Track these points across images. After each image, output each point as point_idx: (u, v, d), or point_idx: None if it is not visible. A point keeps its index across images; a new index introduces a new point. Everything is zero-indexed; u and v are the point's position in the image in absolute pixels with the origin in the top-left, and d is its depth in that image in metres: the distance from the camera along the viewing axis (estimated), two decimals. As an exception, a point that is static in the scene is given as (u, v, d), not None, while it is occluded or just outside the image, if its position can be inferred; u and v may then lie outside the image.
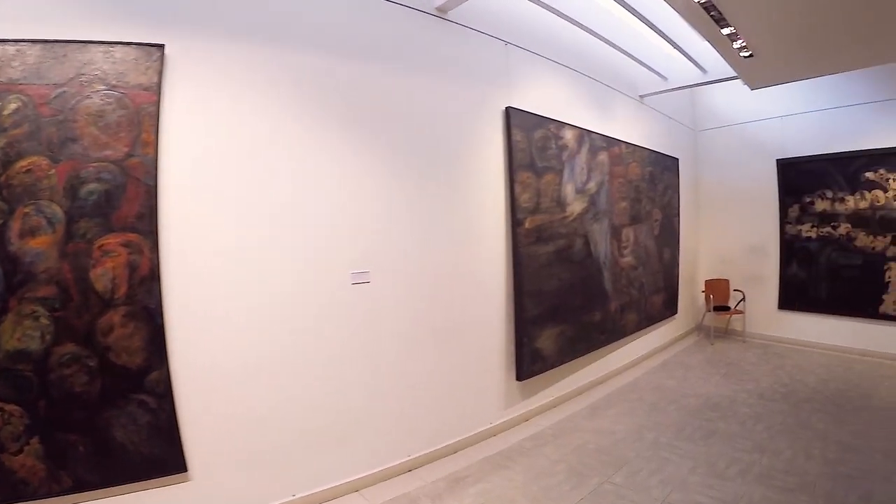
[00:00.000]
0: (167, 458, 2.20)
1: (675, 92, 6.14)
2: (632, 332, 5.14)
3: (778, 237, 5.93)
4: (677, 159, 6.11)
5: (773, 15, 3.20)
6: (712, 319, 6.33)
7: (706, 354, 5.66)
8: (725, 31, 3.41)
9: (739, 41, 3.59)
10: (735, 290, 6.26)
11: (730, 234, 6.48)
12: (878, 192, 5.23)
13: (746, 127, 6.21)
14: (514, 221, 3.65)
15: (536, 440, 3.54)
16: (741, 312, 6.08)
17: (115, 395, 2.10)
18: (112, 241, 2.09)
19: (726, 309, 6.18)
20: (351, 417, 2.86)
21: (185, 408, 2.26)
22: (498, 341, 3.68)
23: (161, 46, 2.17)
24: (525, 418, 3.88)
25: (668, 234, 5.91)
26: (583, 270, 4.31)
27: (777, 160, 5.89)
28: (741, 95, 5.99)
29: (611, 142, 4.75)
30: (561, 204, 4.05)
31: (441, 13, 3.34)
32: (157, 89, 2.17)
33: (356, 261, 2.86)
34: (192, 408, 2.29)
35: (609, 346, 4.76)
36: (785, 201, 5.87)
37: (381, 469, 2.96)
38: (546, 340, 3.91)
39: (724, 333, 6.50)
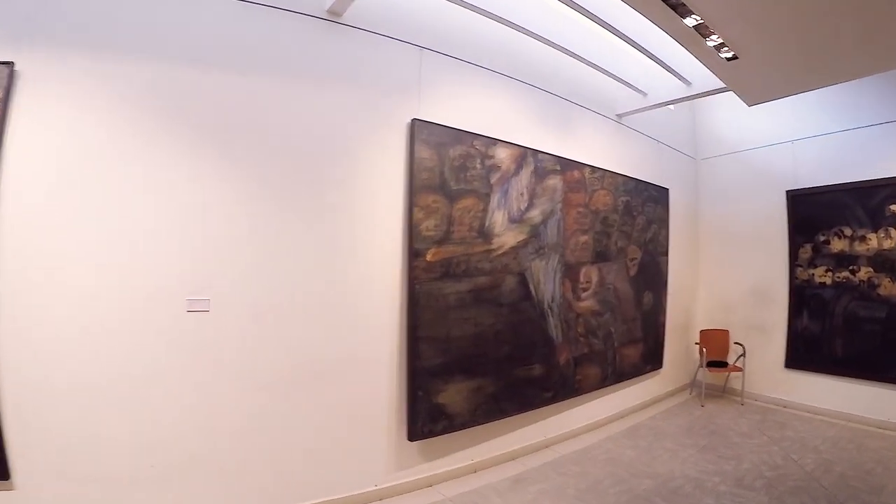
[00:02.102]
0: (-11, 462, 2.10)
1: (673, 116, 5.68)
2: (592, 390, 4.47)
3: (787, 282, 5.12)
4: (667, 189, 5.46)
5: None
6: (707, 376, 5.54)
7: (691, 419, 4.87)
8: (690, 21, 2.93)
9: (714, 37, 3.10)
10: (735, 343, 5.49)
11: (732, 278, 5.71)
12: (907, 229, 4.44)
13: (753, 154, 5.50)
14: (411, 252, 3.19)
15: (426, 516, 3.06)
16: (739, 370, 5.29)
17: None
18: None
19: (722, 365, 5.37)
20: (185, 456, 2.54)
21: (11, 417, 2.16)
22: (387, 392, 3.20)
23: (10, 64, 2.15)
24: (428, 483, 3.35)
25: (651, 276, 5.23)
26: (515, 315, 3.76)
27: (787, 192, 5.14)
28: (747, 118, 5.38)
29: (568, 164, 4.23)
30: (485, 234, 3.55)
31: (334, 16, 3.04)
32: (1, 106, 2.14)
33: (196, 286, 2.58)
34: (20, 419, 2.18)
35: (556, 404, 4.13)
36: (796, 240, 5.08)
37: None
38: (454, 396, 3.36)
39: (722, 392, 5.67)
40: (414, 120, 3.29)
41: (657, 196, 5.35)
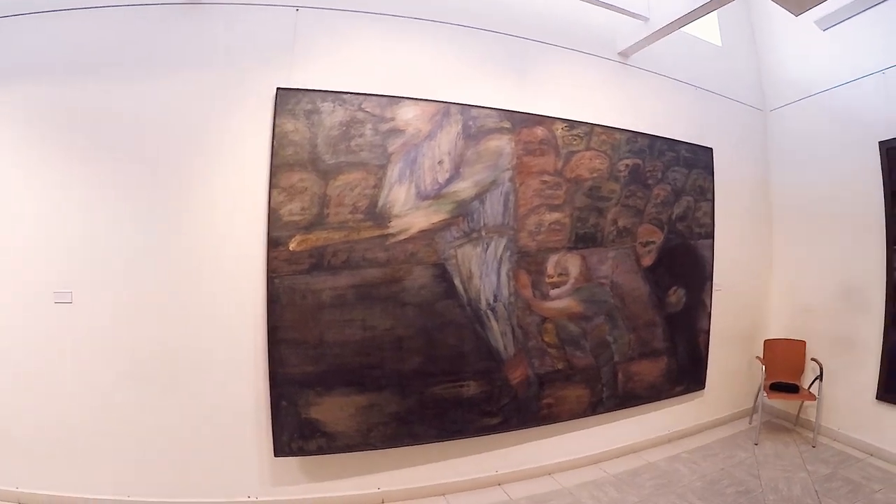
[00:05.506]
0: None
1: (725, 56, 4.80)
2: (575, 417, 3.73)
3: (882, 275, 3.84)
4: (710, 150, 4.43)
5: None
6: (773, 401, 4.47)
7: (729, 464, 3.79)
8: None
9: None
10: (812, 360, 4.29)
11: (814, 269, 4.46)
12: None
13: (832, 95, 4.25)
14: (270, 241, 2.91)
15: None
16: (812, 398, 4.11)
17: None
18: None
19: (792, 389, 4.21)
20: (43, 440, 2.92)
21: None
22: (252, 400, 3.05)
23: None
24: (316, 504, 3.11)
25: (683, 266, 4.26)
26: (430, 317, 3.24)
27: (881, 143, 3.84)
28: (821, 49, 4.28)
29: (525, 120, 3.53)
30: (378, 216, 3.10)
31: (191, -1, 2.96)
32: None
33: (60, 278, 2.89)
34: None
35: (511, 433, 3.52)
36: (895, 213, 3.86)
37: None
38: (335, 412, 3.00)
39: (793, 424, 4.46)
40: (278, 89, 3.01)
41: (692, 158, 4.37)
